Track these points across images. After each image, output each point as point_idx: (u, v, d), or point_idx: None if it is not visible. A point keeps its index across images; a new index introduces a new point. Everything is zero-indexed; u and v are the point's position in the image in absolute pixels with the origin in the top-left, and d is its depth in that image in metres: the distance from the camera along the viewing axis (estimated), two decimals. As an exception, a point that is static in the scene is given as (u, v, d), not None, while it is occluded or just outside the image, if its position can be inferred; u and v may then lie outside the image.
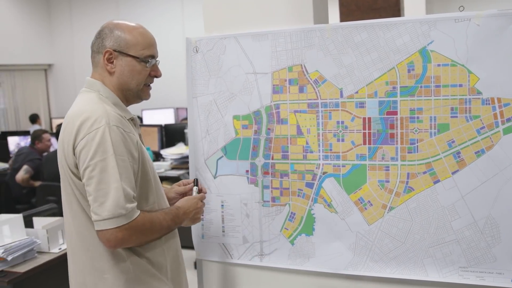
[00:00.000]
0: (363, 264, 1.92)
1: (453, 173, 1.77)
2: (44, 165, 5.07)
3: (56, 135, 5.11)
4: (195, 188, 1.91)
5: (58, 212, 3.67)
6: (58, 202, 4.51)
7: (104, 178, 1.47)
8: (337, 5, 4.64)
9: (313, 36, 1.90)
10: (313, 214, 1.97)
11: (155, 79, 1.73)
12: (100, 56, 1.65)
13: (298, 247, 2.01)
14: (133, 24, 1.67)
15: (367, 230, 1.90)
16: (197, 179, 1.95)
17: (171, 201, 1.92)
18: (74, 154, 1.52)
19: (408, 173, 1.82)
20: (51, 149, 6.04)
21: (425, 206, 1.81)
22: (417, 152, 1.81)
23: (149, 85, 1.72)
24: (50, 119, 10.40)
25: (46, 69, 10.95)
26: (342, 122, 1.89)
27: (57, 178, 4.96)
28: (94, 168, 1.48)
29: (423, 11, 5.53)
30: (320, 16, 2.05)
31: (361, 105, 1.86)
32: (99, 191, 1.47)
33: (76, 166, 1.53)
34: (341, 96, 1.89)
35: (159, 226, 1.62)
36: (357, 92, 1.87)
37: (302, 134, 1.95)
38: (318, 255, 1.98)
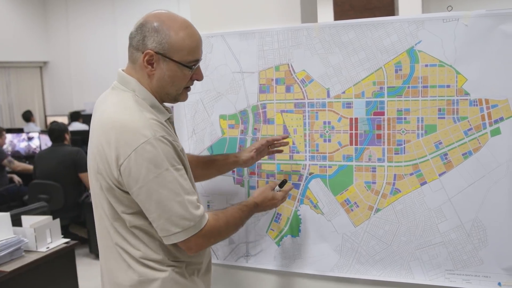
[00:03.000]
0: (349, 266, 1.90)
1: (440, 175, 1.75)
2: (36, 163, 5.04)
3: (49, 132, 5.07)
4: (277, 188, 1.77)
5: (48, 211, 3.65)
6: (50, 200, 4.52)
7: (164, 194, 1.38)
8: (331, 4, 4.61)
9: (300, 35, 1.88)
10: (299, 215, 1.95)
11: None
12: (140, 54, 1.46)
13: (284, 248, 1.99)
14: (179, 21, 1.47)
15: (353, 231, 1.88)
16: (286, 181, 1.81)
17: (242, 164, 1.88)
18: (119, 170, 1.38)
19: (395, 175, 1.80)
20: (44, 147, 6.01)
21: (411, 208, 1.79)
22: (404, 153, 1.78)
23: (188, 87, 1.57)
24: (45, 116, 10.35)
25: (41, 66, 10.90)
26: (329, 123, 1.87)
27: (49, 176, 4.95)
28: (151, 186, 1.37)
29: (419, 11, 5.51)
30: (308, 15, 2.02)
31: (348, 105, 1.84)
32: (162, 208, 1.39)
33: (118, 181, 1.40)
34: (328, 96, 1.86)
35: (234, 226, 1.57)
36: (344, 92, 1.84)
37: (289, 134, 1.93)
38: (304, 256, 1.96)
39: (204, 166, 1.85)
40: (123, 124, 1.39)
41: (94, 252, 5.02)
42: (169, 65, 1.46)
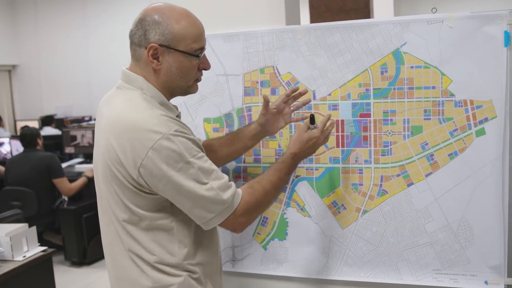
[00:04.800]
0: (337, 269, 1.89)
1: (427, 175, 1.76)
2: (8, 169, 4.91)
3: (21, 138, 4.94)
4: (312, 126, 1.62)
5: (23, 218, 3.55)
6: (23, 207, 4.41)
7: (190, 186, 1.35)
8: (307, 6, 4.63)
9: (285, 37, 1.87)
10: (286, 218, 1.94)
11: None
12: (143, 50, 1.42)
13: (271, 252, 1.97)
14: (179, 10, 1.43)
15: (341, 234, 1.87)
16: (313, 116, 1.65)
17: (265, 123, 1.76)
18: (138, 172, 1.34)
19: (381, 176, 1.81)
20: (15, 153, 5.87)
21: (399, 209, 1.80)
22: (391, 154, 1.79)
23: (198, 79, 1.52)
24: (15, 121, 10.11)
25: (10, 70, 10.63)
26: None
27: (22, 182, 4.82)
28: (175, 180, 1.33)
29: (391, 13, 5.58)
30: (292, 17, 2.02)
31: (334, 107, 1.84)
32: (192, 199, 1.36)
33: (138, 182, 1.35)
34: (314, 98, 1.86)
35: (274, 190, 1.53)
36: (330, 94, 1.84)
37: (275, 137, 1.92)
38: (291, 260, 1.95)
39: (229, 144, 1.79)
40: (134, 123, 1.34)
41: (69, 259, 4.93)
42: (175, 56, 1.42)
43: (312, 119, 1.64)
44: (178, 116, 1.53)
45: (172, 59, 1.42)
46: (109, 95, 1.51)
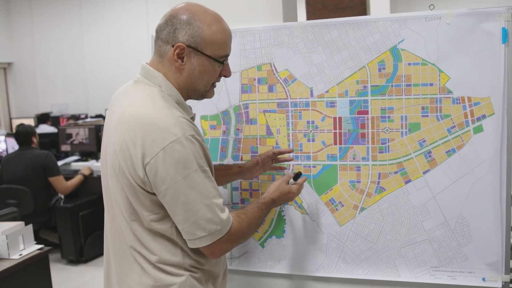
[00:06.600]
0: (334, 266, 1.89)
1: (424, 172, 1.76)
2: (3, 167, 4.88)
3: (16, 136, 4.92)
4: (292, 181, 1.73)
5: (19, 216, 3.54)
6: (19, 205, 4.39)
7: (192, 196, 1.33)
8: (303, 3, 4.63)
9: (283, 34, 1.86)
10: (284, 215, 1.93)
11: None
12: (169, 48, 1.41)
13: (269, 250, 1.97)
14: (211, 14, 1.43)
15: (339, 231, 1.87)
16: (300, 173, 1.79)
17: (246, 173, 1.84)
18: (144, 169, 1.32)
19: (379, 173, 1.81)
20: (10, 151, 5.85)
21: (396, 206, 1.80)
22: (388, 152, 1.79)
23: (214, 84, 1.52)
24: (10, 119, 10.07)
25: (6, 67, 10.59)
26: (313, 122, 1.86)
27: (17, 180, 4.79)
28: (178, 187, 1.31)
29: (387, 11, 5.59)
30: (290, 14, 2.01)
31: (332, 104, 1.83)
32: (188, 211, 1.33)
33: (143, 181, 1.34)
34: (311, 95, 1.85)
35: (255, 226, 1.56)
36: (327, 91, 1.84)
37: (272, 134, 1.91)
38: (289, 257, 1.95)
39: None
40: (151, 121, 1.32)
41: (66, 258, 4.91)
42: (200, 59, 1.41)
43: (297, 176, 1.75)
44: (193, 118, 1.51)
45: (197, 61, 1.42)
46: (125, 89, 1.50)
